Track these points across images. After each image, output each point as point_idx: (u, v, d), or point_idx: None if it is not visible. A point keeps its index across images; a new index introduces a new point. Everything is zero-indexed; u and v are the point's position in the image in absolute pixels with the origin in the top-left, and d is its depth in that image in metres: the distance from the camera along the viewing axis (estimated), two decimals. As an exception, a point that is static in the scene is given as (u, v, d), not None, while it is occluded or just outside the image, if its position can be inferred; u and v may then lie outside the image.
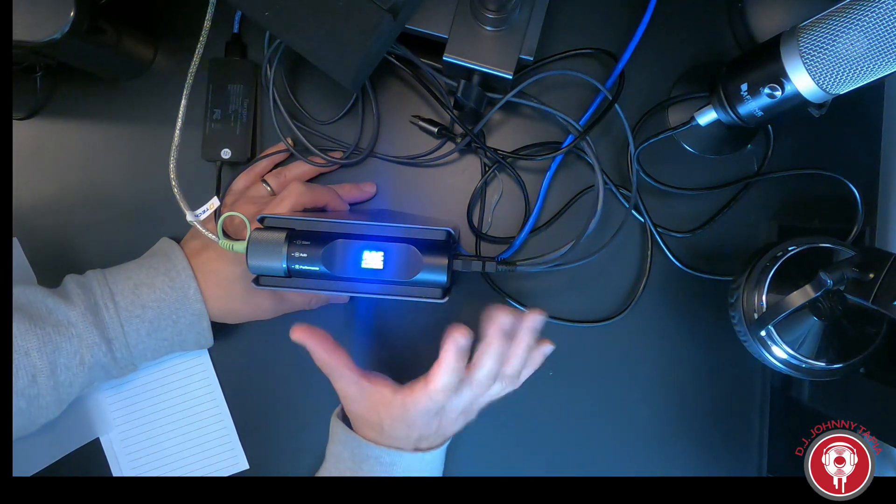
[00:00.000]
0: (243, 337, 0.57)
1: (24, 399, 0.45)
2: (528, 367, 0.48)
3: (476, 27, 0.50)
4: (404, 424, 0.46)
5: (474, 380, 0.46)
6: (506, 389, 0.49)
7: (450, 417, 0.48)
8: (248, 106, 0.56)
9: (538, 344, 0.48)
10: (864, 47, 0.39)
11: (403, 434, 0.47)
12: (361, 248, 0.44)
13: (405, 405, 0.46)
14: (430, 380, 0.45)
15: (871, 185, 0.56)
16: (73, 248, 0.57)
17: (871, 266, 0.39)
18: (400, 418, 0.46)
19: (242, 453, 0.58)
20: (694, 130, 0.52)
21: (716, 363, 0.57)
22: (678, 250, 0.56)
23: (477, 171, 0.57)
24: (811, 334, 0.44)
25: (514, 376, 0.48)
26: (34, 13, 0.44)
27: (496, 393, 0.48)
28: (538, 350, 0.48)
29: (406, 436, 0.47)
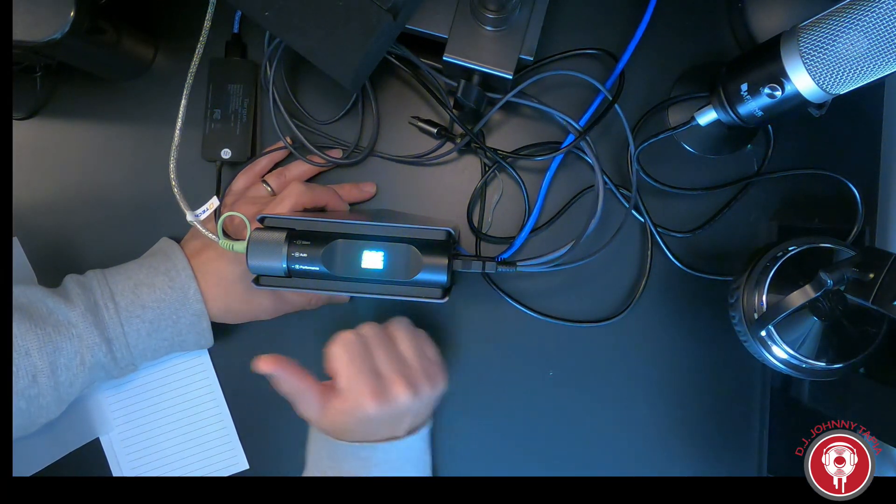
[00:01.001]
0: (243, 337, 0.57)
1: (24, 399, 0.45)
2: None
3: (476, 27, 0.50)
4: (367, 426, 0.47)
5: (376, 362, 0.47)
6: (416, 343, 0.49)
7: (398, 400, 0.46)
8: (248, 106, 0.56)
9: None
10: (864, 47, 0.39)
11: (370, 431, 0.47)
12: (361, 248, 0.44)
13: (356, 414, 0.46)
14: (343, 389, 0.46)
15: (871, 185, 0.56)
16: (73, 247, 0.57)
17: (871, 266, 0.39)
18: (360, 422, 0.46)
19: (242, 453, 0.58)
20: (694, 130, 0.52)
21: (716, 363, 0.57)
22: (678, 250, 0.56)
23: (477, 171, 0.57)
24: (811, 334, 0.44)
25: (396, 327, 0.49)
26: (34, 13, 0.44)
27: (413, 356, 0.48)
28: None
29: (373, 432, 0.47)
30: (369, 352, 0.47)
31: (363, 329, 0.48)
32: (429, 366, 0.49)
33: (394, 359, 0.47)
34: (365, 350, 0.47)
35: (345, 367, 0.46)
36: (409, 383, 0.46)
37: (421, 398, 0.47)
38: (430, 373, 0.48)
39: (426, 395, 0.47)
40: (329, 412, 0.47)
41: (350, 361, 0.46)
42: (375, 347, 0.47)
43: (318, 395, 0.47)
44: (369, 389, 0.45)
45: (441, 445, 0.57)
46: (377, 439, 0.48)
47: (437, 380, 0.49)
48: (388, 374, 0.46)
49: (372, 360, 0.46)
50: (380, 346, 0.47)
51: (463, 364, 0.57)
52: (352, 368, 0.46)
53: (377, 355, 0.47)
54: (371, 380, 0.45)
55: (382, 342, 0.48)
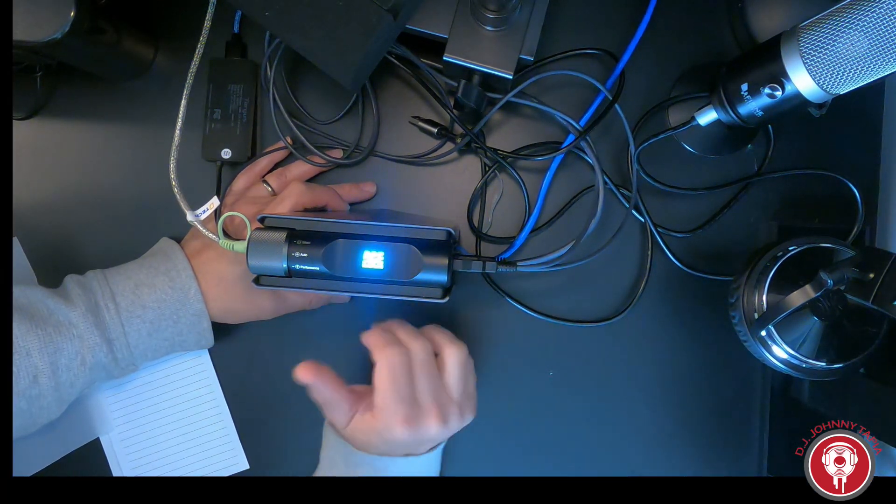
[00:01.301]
0: (243, 337, 0.57)
1: (25, 400, 0.45)
2: (439, 334, 0.49)
3: (476, 27, 0.50)
4: (390, 445, 0.46)
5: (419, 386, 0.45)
6: (460, 369, 0.47)
7: (428, 431, 0.46)
8: (248, 106, 0.56)
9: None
10: (864, 47, 0.39)
11: (391, 449, 0.47)
12: (362, 248, 0.44)
13: (383, 434, 0.45)
14: (382, 409, 0.45)
15: (871, 185, 0.56)
16: (73, 247, 0.57)
17: (871, 266, 0.39)
18: (385, 441, 0.46)
19: (242, 453, 0.58)
20: (694, 130, 0.52)
21: (716, 363, 0.57)
22: (678, 250, 0.56)
23: (477, 171, 0.57)
24: (811, 334, 0.44)
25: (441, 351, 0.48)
26: (34, 13, 0.44)
27: (455, 390, 0.47)
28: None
29: (394, 450, 0.47)
30: (413, 376, 0.45)
31: (414, 347, 0.46)
32: (466, 400, 0.48)
33: (435, 388, 0.46)
34: (409, 373, 0.45)
35: (385, 386, 0.45)
36: (442, 415, 0.45)
37: (449, 429, 0.46)
38: (465, 407, 0.48)
39: (455, 427, 0.47)
40: (358, 424, 0.46)
41: (391, 382, 0.44)
42: (419, 373, 0.46)
43: (350, 405, 0.46)
44: (403, 416, 0.44)
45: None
46: (395, 454, 0.47)
47: (468, 413, 0.48)
48: (426, 403, 0.45)
49: (413, 385, 0.45)
50: (424, 373, 0.46)
51: (463, 364, 0.57)
52: (391, 390, 0.44)
53: (419, 382, 0.45)
54: (408, 406, 0.44)
55: (428, 368, 0.46)
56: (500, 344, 0.58)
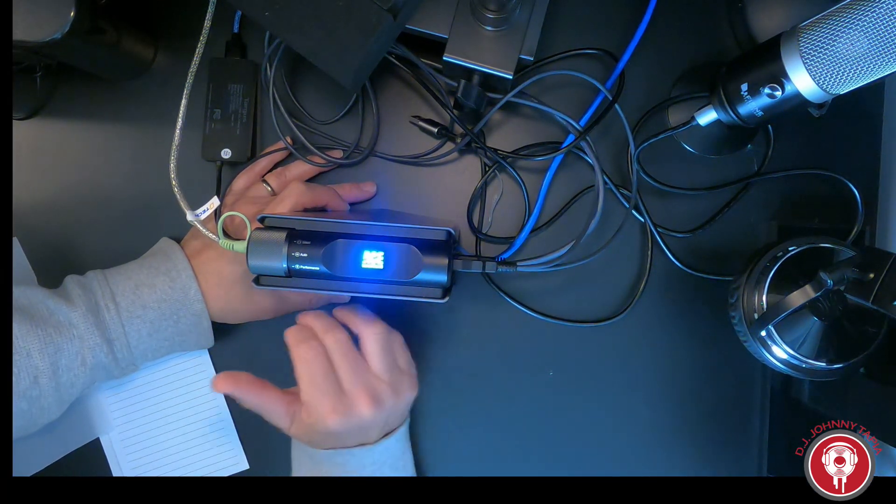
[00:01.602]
0: (243, 337, 0.57)
1: (25, 400, 0.45)
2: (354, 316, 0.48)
3: (476, 27, 0.50)
4: (333, 438, 0.46)
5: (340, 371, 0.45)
6: (377, 341, 0.47)
7: (361, 415, 0.45)
8: (248, 106, 0.56)
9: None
10: (864, 47, 0.39)
11: (337, 441, 0.47)
12: (362, 248, 0.44)
13: (318, 429, 0.45)
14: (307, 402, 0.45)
15: (871, 185, 0.56)
16: (74, 248, 0.57)
17: (871, 266, 0.39)
18: (325, 436, 0.46)
19: (242, 453, 0.58)
20: (694, 130, 0.52)
21: (716, 363, 0.57)
22: (678, 250, 0.56)
23: (477, 171, 0.57)
24: (811, 334, 0.44)
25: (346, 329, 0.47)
26: (34, 13, 0.44)
27: (381, 368, 0.46)
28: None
29: (341, 442, 0.47)
30: (333, 366, 0.45)
31: (328, 339, 0.46)
32: (397, 376, 0.47)
33: (358, 371, 0.45)
34: (326, 365, 0.45)
35: (306, 382, 0.45)
36: (371, 397, 0.45)
37: (384, 410, 0.46)
38: (397, 384, 0.47)
39: (390, 406, 0.46)
40: (297, 424, 0.46)
41: (310, 378, 0.45)
42: (338, 361, 0.45)
43: (284, 406, 0.47)
44: (330, 406, 0.44)
45: (440, 445, 0.57)
46: (349, 446, 0.47)
47: (403, 390, 0.47)
48: (351, 389, 0.45)
49: (335, 375, 0.45)
50: (343, 360, 0.45)
51: (463, 364, 0.57)
52: (311, 386, 0.45)
53: (340, 370, 0.45)
54: (333, 397, 0.44)
55: (346, 354, 0.45)
56: (500, 344, 0.58)
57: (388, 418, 0.48)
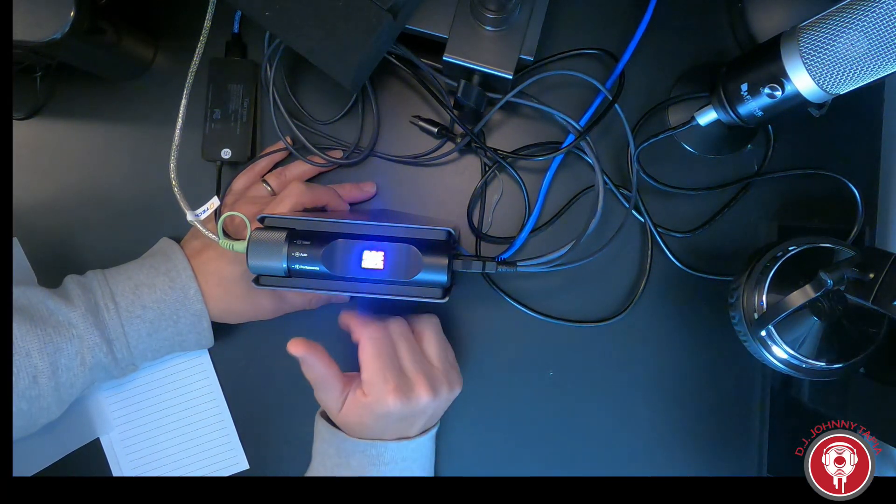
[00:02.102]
0: (243, 337, 0.57)
1: (25, 400, 0.45)
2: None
3: (476, 27, 0.50)
4: (384, 422, 0.47)
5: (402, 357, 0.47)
6: (439, 350, 0.49)
7: (420, 400, 0.46)
8: (248, 106, 0.56)
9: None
10: (864, 47, 0.39)
11: (385, 427, 0.47)
12: (362, 248, 0.44)
13: (376, 409, 0.46)
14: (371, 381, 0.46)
15: (871, 185, 0.56)
16: (73, 248, 0.57)
17: (871, 266, 0.39)
18: (378, 418, 0.46)
19: (242, 453, 0.58)
20: (694, 130, 0.52)
21: (716, 363, 0.57)
22: (678, 250, 0.56)
23: (477, 171, 0.57)
24: (811, 334, 0.44)
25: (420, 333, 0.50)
26: (34, 13, 0.44)
27: (437, 359, 0.49)
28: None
29: (387, 428, 0.47)
30: (396, 348, 0.47)
31: (392, 324, 0.48)
32: (450, 369, 0.49)
33: (419, 358, 0.48)
34: (392, 346, 0.47)
35: (371, 360, 0.46)
36: (431, 384, 0.47)
37: (439, 400, 0.47)
38: (451, 376, 0.49)
39: (444, 397, 0.48)
40: (350, 406, 0.47)
41: (377, 355, 0.46)
42: (402, 345, 0.48)
43: (342, 384, 0.47)
44: (393, 386, 0.45)
45: (441, 445, 0.57)
46: (388, 438, 0.48)
47: (455, 383, 0.49)
48: (413, 373, 0.47)
49: (398, 357, 0.47)
50: (406, 345, 0.48)
51: (463, 364, 0.57)
52: (378, 363, 0.46)
53: (403, 353, 0.47)
54: (396, 377, 0.46)
55: (409, 340, 0.48)
56: (500, 344, 0.58)
57: (435, 410, 0.49)
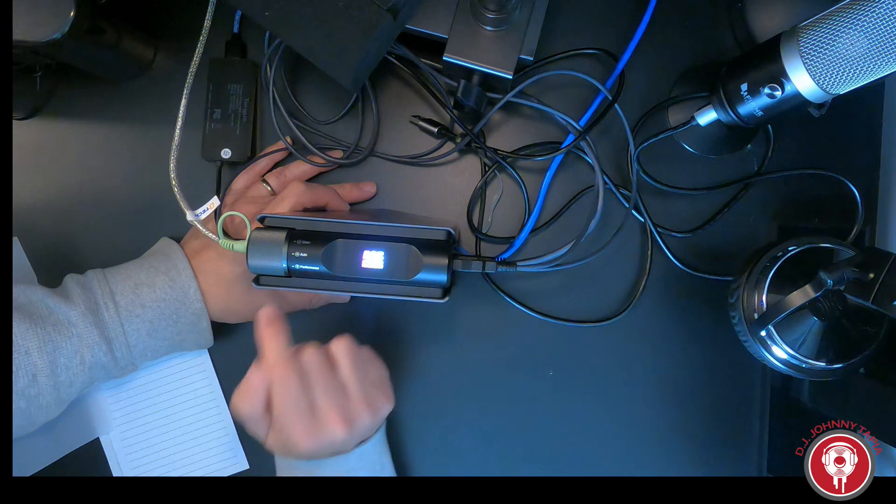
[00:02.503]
0: (243, 337, 0.57)
1: (24, 399, 0.45)
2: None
3: (476, 27, 0.50)
4: (307, 456, 0.45)
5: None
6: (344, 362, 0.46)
7: (334, 437, 0.44)
8: (248, 106, 0.56)
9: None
10: (864, 47, 0.39)
11: (313, 457, 0.45)
12: (362, 248, 0.44)
13: (291, 450, 0.44)
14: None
15: (871, 185, 0.56)
16: (74, 247, 0.57)
17: (871, 266, 0.39)
18: (298, 456, 0.45)
19: (242, 453, 0.58)
20: (694, 130, 0.52)
21: (716, 363, 0.57)
22: (678, 250, 0.56)
23: (477, 171, 0.57)
24: (811, 334, 0.44)
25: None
26: (34, 13, 0.44)
27: (354, 384, 0.45)
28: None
29: (317, 457, 0.45)
30: (307, 383, 0.44)
31: (304, 355, 0.45)
32: (371, 392, 0.46)
33: (331, 390, 0.44)
34: (302, 382, 0.43)
35: (279, 402, 0.43)
36: (345, 418, 0.44)
37: (358, 430, 0.45)
38: (371, 400, 0.45)
39: (365, 425, 0.45)
40: (270, 442, 0.45)
41: (284, 396, 0.43)
42: (314, 378, 0.44)
43: (266, 425, 0.45)
44: (302, 428, 0.43)
45: (440, 445, 0.57)
46: (326, 456, 0.46)
47: (378, 406, 0.46)
48: (325, 409, 0.43)
49: (309, 392, 0.43)
50: (317, 377, 0.44)
51: (463, 364, 0.57)
52: (285, 404, 0.43)
53: (315, 387, 0.44)
54: (305, 417, 0.43)
55: (319, 372, 0.44)
56: (500, 344, 0.58)
57: (360, 436, 0.46)
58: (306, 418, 0.43)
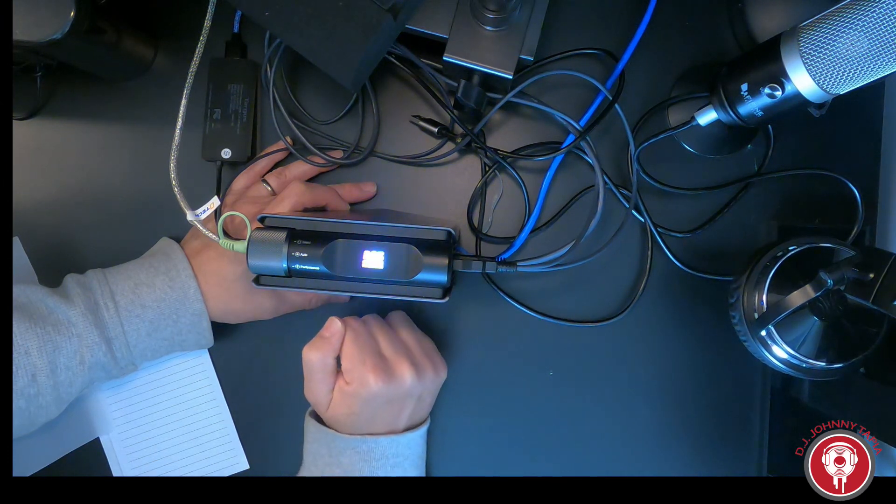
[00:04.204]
0: (243, 337, 0.57)
1: (23, 398, 0.45)
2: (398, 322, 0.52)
3: (476, 27, 0.50)
4: (371, 406, 0.47)
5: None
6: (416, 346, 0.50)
7: (403, 379, 0.47)
8: (248, 106, 0.56)
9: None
10: (864, 47, 0.39)
11: (373, 414, 0.48)
12: (362, 248, 0.44)
13: (360, 392, 0.46)
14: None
15: (871, 185, 0.56)
16: (74, 247, 0.57)
17: (871, 266, 0.39)
18: (364, 402, 0.47)
19: (242, 453, 0.58)
20: (694, 130, 0.52)
21: (716, 363, 0.57)
22: (678, 250, 0.56)
23: (477, 171, 0.57)
24: (811, 334, 0.44)
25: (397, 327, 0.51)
26: (34, 13, 0.44)
27: (415, 344, 0.50)
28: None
29: (377, 417, 0.48)
30: (373, 335, 0.49)
31: (368, 319, 0.50)
32: (432, 353, 0.51)
33: (397, 345, 0.49)
34: (369, 335, 0.48)
35: (348, 348, 0.47)
36: (412, 364, 0.48)
37: (424, 381, 0.48)
38: (434, 359, 0.50)
39: (429, 378, 0.49)
40: (336, 397, 0.47)
41: (353, 342, 0.47)
42: (378, 333, 0.49)
43: (335, 378, 0.48)
44: (371, 366, 0.46)
45: (441, 445, 0.57)
46: (378, 432, 0.48)
47: (440, 367, 0.51)
48: (392, 355, 0.48)
49: (375, 342, 0.48)
50: (382, 332, 0.49)
51: (463, 364, 0.57)
52: (354, 348, 0.47)
53: (380, 339, 0.49)
54: (374, 359, 0.47)
55: (384, 329, 0.50)
56: (500, 344, 0.58)
57: (422, 394, 0.50)
58: (377, 359, 0.47)
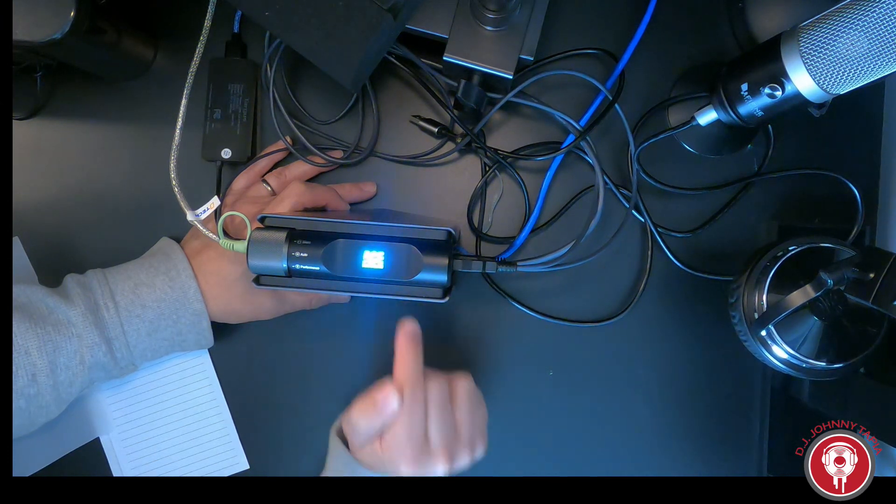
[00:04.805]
0: (243, 337, 0.57)
1: (23, 398, 0.45)
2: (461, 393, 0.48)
3: (476, 27, 0.50)
4: (394, 475, 0.46)
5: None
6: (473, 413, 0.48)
7: (435, 471, 0.46)
8: (248, 106, 0.56)
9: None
10: (864, 47, 0.39)
11: (396, 460, 0.46)
12: (362, 248, 0.44)
13: (388, 468, 0.45)
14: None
15: (871, 185, 0.56)
16: (74, 247, 0.57)
17: (871, 266, 0.39)
18: (389, 473, 0.46)
19: (242, 453, 0.58)
20: (694, 130, 0.52)
21: (716, 363, 0.57)
22: (678, 250, 0.56)
23: (477, 171, 0.57)
24: (811, 334, 0.44)
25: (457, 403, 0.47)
26: (34, 13, 0.44)
27: (465, 426, 0.47)
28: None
29: (399, 463, 0.46)
30: (427, 417, 0.45)
31: (432, 385, 0.46)
32: (475, 436, 0.48)
33: (446, 430, 0.46)
34: (423, 417, 0.45)
35: (399, 430, 0.45)
36: (451, 456, 0.46)
37: (456, 469, 0.46)
38: (474, 444, 0.48)
39: (462, 464, 0.47)
40: (367, 451, 0.46)
41: (407, 424, 0.44)
42: (435, 412, 0.46)
43: (375, 440, 0.46)
44: (412, 455, 0.45)
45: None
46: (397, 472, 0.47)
47: (478, 449, 0.48)
48: (436, 444, 0.45)
49: (424, 424, 0.45)
50: (437, 414, 0.46)
51: (463, 364, 0.57)
52: (402, 432, 0.44)
53: (432, 420, 0.45)
54: (418, 448, 0.45)
55: (444, 406, 0.46)
56: (500, 344, 0.58)
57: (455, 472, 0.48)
58: (418, 448, 0.45)
